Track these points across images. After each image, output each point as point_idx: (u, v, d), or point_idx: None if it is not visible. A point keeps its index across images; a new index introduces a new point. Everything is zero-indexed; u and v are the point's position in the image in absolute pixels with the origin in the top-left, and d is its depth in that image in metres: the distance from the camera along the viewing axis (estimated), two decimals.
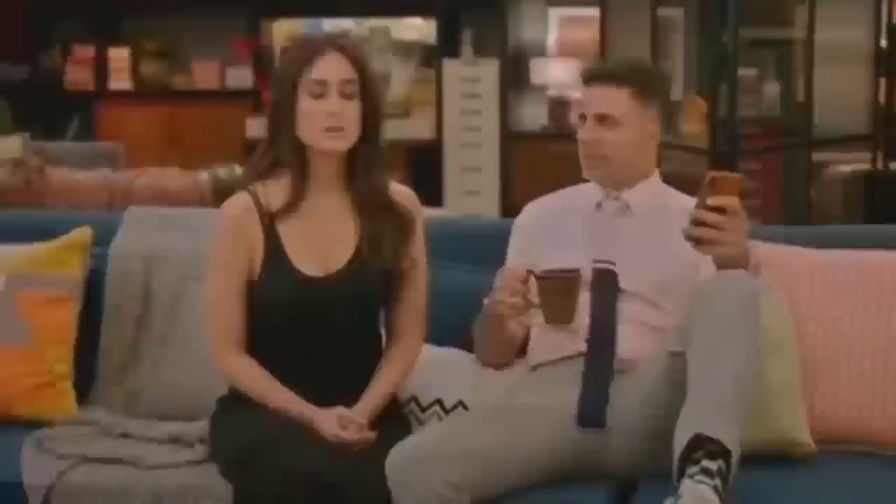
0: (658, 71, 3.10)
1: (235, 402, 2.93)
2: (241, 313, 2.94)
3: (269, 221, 2.93)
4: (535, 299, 2.82)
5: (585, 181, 3.09)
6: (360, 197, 2.95)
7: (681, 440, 2.53)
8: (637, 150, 3.02)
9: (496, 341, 3.03)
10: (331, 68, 2.88)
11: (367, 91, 2.91)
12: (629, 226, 3.02)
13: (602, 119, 2.99)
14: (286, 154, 2.92)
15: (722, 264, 2.71)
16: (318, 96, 2.88)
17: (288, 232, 2.93)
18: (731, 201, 2.67)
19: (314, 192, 2.95)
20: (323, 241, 2.93)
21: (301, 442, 2.73)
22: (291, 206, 2.93)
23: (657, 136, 3.05)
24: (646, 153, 3.05)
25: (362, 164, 2.93)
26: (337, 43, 2.92)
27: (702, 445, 2.51)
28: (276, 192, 2.94)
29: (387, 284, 2.96)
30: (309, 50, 2.91)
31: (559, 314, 2.81)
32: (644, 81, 3.00)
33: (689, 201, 3.03)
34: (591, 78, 3.02)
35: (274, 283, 2.91)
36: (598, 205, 3.06)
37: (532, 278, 2.81)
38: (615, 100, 2.98)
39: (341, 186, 2.96)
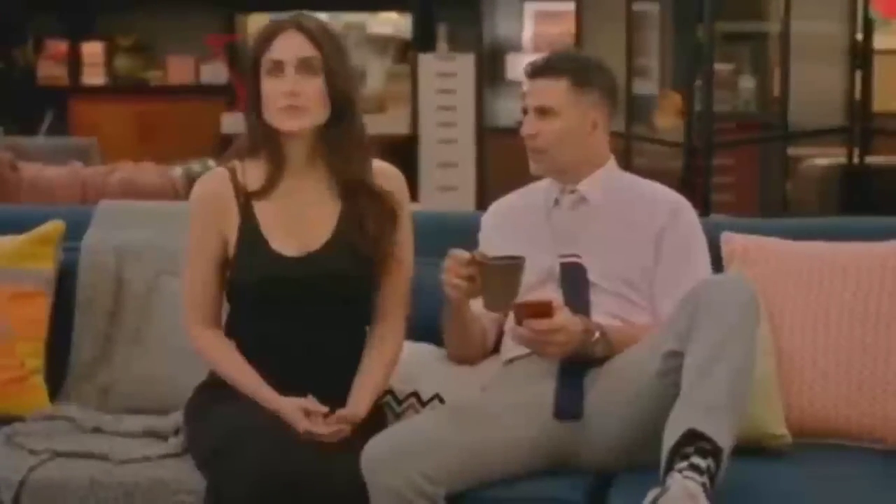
0: (598, 61, 3.10)
1: (212, 390, 2.89)
2: (216, 289, 2.91)
3: (246, 200, 2.90)
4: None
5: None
6: (337, 178, 2.91)
7: (672, 434, 2.53)
8: (577, 139, 3.02)
9: (456, 327, 3.00)
10: (287, 47, 2.85)
11: (331, 67, 2.85)
12: (588, 217, 3.02)
13: (541, 111, 3.01)
14: (258, 138, 2.90)
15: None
16: (276, 76, 2.85)
17: (264, 211, 2.89)
18: (543, 324, 2.77)
19: (291, 173, 2.92)
20: (300, 221, 2.90)
21: (276, 436, 2.70)
22: (267, 189, 2.90)
23: (602, 125, 3.05)
24: (590, 142, 3.04)
25: (334, 144, 2.89)
26: (296, 21, 2.87)
27: (694, 442, 2.51)
28: (253, 172, 2.91)
29: (367, 266, 2.90)
30: (268, 31, 2.88)
31: (497, 301, 2.81)
32: (581, 71, 3.02)
33: (647, 185, 3.09)
34: (531, 72, 3.05)
35: (248, 260, 2.87)
36: (556, 201, 3.06)
37: (476, 262, 2.80)
38: (552, 91, 3.00)
39: (320, 167, 2.92)
